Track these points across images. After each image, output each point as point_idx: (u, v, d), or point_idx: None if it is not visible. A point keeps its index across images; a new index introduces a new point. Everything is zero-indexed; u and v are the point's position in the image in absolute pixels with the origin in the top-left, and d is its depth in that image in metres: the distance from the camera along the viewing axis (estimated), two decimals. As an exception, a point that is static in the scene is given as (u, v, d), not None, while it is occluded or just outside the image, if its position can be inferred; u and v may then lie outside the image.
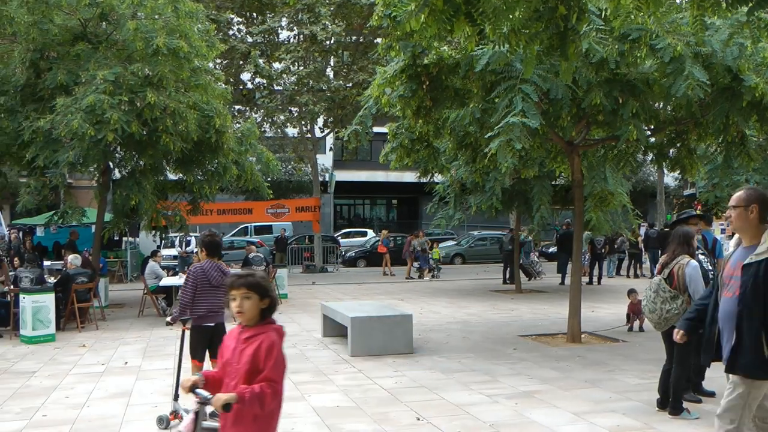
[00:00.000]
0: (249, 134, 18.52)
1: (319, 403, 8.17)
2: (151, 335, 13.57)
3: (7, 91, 15.89)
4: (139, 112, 14.49)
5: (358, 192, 50.73)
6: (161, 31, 14.87)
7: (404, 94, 11.09)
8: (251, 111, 31.89)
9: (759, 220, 4.94)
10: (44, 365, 10.83)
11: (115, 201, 16.14)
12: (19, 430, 7.36)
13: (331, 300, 17.02)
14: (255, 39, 30.62)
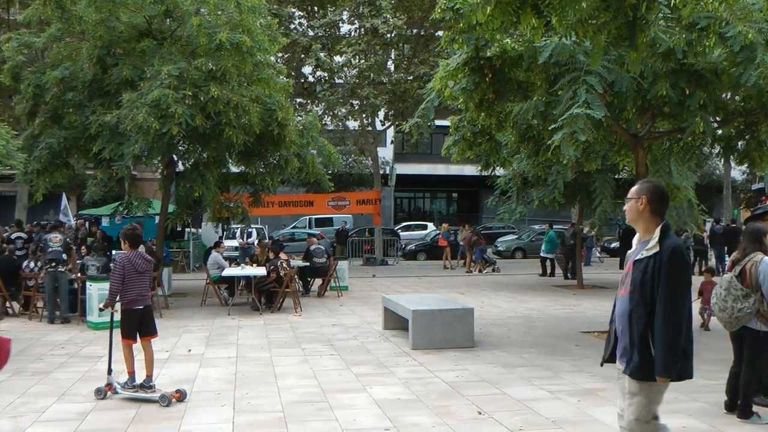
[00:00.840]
0: (311, 127, 18.65)
1: (380, 395, 8.21)
2: (213, 324, 13.81)
3: (76, 87, 16.29)
4: (203, 106, 14.72)
5: (418, 185, 50.66)
6: (224, 26, 15.05)
7: (467, 87, 11.04)
8: (312, 104, 32.04)
9: (650, 213, 4.69)
10: (110, 351, 11.10)
11: (179, 193, 16.41)
12: (87, 412, 7.59)
13: (391, 293, 17.07)
14: (316, 32, 30.75)
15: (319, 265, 18.43)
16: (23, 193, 28.13)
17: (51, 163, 16.82)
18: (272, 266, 15.56)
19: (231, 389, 8.45)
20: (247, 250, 23.31)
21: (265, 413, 7.41)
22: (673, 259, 4.47)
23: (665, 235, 4.59)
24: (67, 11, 15.90)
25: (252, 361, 10.14)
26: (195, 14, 15.67)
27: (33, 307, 15.01)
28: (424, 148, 48.18)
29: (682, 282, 4.48)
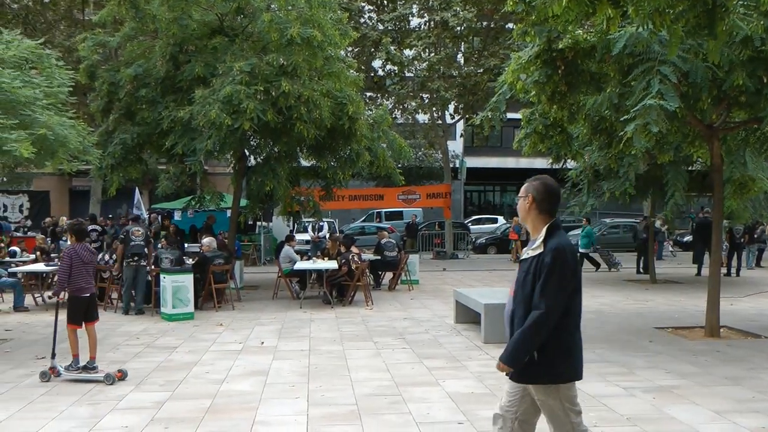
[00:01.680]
0: (381, 121, 18.67)
1: (453, 388, 8.18)
2: (285, 317, 13.94)
3: (149, 84, 16.63)
4: (274, 101, 14.84)
5: (488, 178, 50.28)
6: (295, 21, 15.13)
7: (539, 80, 10.90)
8: (382, 98, 32.07)
9: (537, 212, 4.55)
10: (184, 341, 11.35)
11: (251, 187, 16.60)
12: (164, 401, 7.74)
13: (462, 286, 17.03)
14: (386, 26, 30.77)
15: (390, 258, 18.46)
16: (97, 188, 28.82)
17: (125, 159, 17.23)
18: (344, 260, 15.64)
19: (304, 382, 8.52)
20: (318, 243, 23.46)
21: (339, 406, 7.45)
22: (553, 260, 4.32)
23: (551, 234, 4.45)
24: (140, 11, 16.23)
25: (325, 354, 10.20)
26: (266, 10, 15.80)
27: (108, 299, 15.40)
28: (494, 141, 47.84)
29: (559, 284, 4.30)
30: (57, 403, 7.76)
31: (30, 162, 11.00)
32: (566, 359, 4.44)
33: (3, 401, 7.91)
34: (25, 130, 9.92)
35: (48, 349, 10.65)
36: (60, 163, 11.57)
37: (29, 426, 6.93)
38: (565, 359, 4.44)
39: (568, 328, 4.44)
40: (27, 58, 11.08)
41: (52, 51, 11.93)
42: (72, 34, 26.94)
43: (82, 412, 7.40)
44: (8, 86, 9.88)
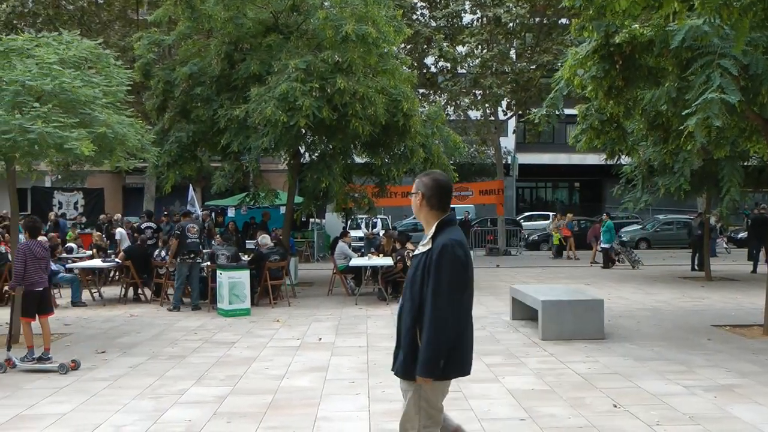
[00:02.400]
0: (435, 117, 18.61)
1: (513, 385, 8.12)
2: (341, 313, 13.98)
3: (204, 82, 16.76)
4: (330, 98, 14.86)
5: (540, 175, 49.94)
6: (350, 18, 15.12)
7: (596, 75, 10.76)
8: (435, 94, 32.00)
9: (428, 208, 4.48)
10: (242, 337, 11.44)
11: (306, 184, 16.64)
12: (225, 396, 7.79)
13: (516, 283, 16.86)
14: (438, 23, 30.69)
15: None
16: (150, 185, 29.24)
17: (180, 156, 17.37)
18: (399, 256, 15.63)
19: (364, 378, 8.52)
20: (372, 240, 23.49)
21: (400, 402, 7.28)
22: (441, 256, 4.26)
23: (440, 230, 4.40)
24: (196, 10, 16.34)
25: (383, 350, 10.16)
26: (320, 7, 15.85)
27: (164, 294, 15.60)
28: (546, 137, 47.44)
29: (449, 280, 4.24)
30: (119, 396, 7.86)
31: (89, 160, 11.14)
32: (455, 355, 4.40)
33: (66, 394, 8.05)
34: (85, 128, 10.04)
35: (106, 344, 10.88)
36: (117, 161, 11.70)
37: (93, 418, 7.04)
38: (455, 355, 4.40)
39: (464, 323, 4.42)
40: (86, 57, 11.23)
41: (110, 51, 12.07)
42: (126, 33, 27.32)
43: (145, 405, 7.48)
44: (69, 86, 10.00)
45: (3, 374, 9.13)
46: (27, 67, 10.03)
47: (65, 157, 11.35)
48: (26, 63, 10.20)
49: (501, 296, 15.94)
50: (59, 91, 9.92)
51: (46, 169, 25.94)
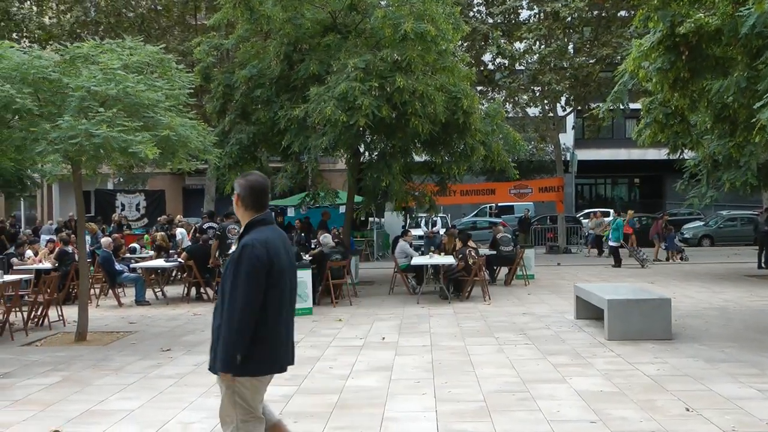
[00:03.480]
0: (495, 114, 18.45)
1: (581, 386, 7.95)
2: (403, 312, 13.92)
3: (264, 84, 16.87)
4: (389, 97, 14.82)
5: (599, 171, 49.22)
6: (408, 16, 15.06)
7: (662, 67, 10.54)
8: (493, 92, 31.78)
9: (243, 208, 4.66)
10: (305, 336, 11.44)
11: (366, 183, 16.62)
12: (291, 395, 7.79)
13: (578, 281, 16.65)
14: (495, 19, 30.46)
15: (506, 253, 18.23)
16: (210, 186, 29.59)
17: (241, 158, 17.51)
18: (461, 255, 15.54)
19: (430, 377, 8.44)
20: (433, 239, 23.42)
21: (467, 402, 7.34)
22: (240, 255, 4.41)
23: (248, 230, 4.58)
24: (255, 12, 16.44)
25: (447, 349, 10.10)
26: (378, 6, 15.82)
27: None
28: (605, 132, 46.78)
29: (246, 279, 4.34)
30: (186, 394, 7.94)
31: (152, 162, 11.28)
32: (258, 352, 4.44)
33: (134, 390, 8.17)
34: (148, 131, 10.15)
35: (171, 342, 11.02)
36: (180, 163, 11.82)
37: (160, 415, 7.11)
38: (258, 352, 4.44)
39: (262, 321, 4.43)
40: (148, 62, 11.37)
41: (171, 55, 12.21)
42: (185, 38, 27.67)
43: (211, 403, 7.45)
44: (132, 90, 10.12)
45: (73, 371, 9.27)
46: (92, 73, 10.18)
47: (129, 160, 11.51)
48: (91, 69, 10.36)
49: (563, 295, 15.75)
50: (123, 95, 10.05)
51: (109, 172, 26.45)
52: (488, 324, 12.33)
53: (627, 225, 28.81)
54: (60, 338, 11.85)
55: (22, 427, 6.94)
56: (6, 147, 10.69)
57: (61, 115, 9.84)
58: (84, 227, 12.64)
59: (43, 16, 31.73)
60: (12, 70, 9.98)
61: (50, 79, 10.29)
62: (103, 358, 10.12)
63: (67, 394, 8.08)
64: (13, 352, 10.81)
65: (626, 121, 41.87)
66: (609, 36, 28.94)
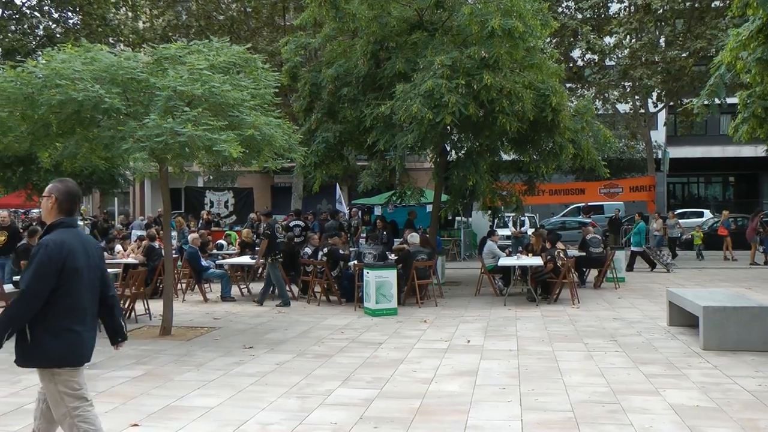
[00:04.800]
0: (585, 111, 17.99)
1: (675, 400, 7.50)
2: (489, 315, 13.66)
3: (350, 82, 16.87)
4: (476, 94, 14.58)
5: (691, 169, 47.77)
6: (495, 13, 14.79)
7: (762, 57, 10.02)
8: (582, 88, 31.15)
9: (57, 211, 5.05)
10: (389, 337, 11.31)
11: (453, 182, 16.44)
12: (372, 399, 7.65)
13: (670, 285, 16.13)
14: (584, 14, 29.85)
15: (596, 255, 17.72)
16: (298, 184, 29.82)
17: (327, 156, 17.57)
18: (549, 256, 15.17)
19: (515, 384, 8.18)
20: (521, 239, 23.04)
21: (554, 412, 7.05)
22: (35, 252, 4.81)
23: (49, 230, 4.97)
24: (341, 11, 16.44)
25: (534, 354, 9.82)
26: (465, 3, 15.59)
27: (311, 292, 15.73)
28: (698, 129, 45.32)
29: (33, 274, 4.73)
30: (266, 393, 7.88)
31: (237, 161, 11.35)
32: (57, 344, 4.81)
33: (214, 387, 8.18)
34: (233, 130, 10.19)
35: (254, 339, 11.04)
36: (265, 161, 11.87)
37: (240, 414, 7.08)
38: (57, 344, 4.81)
39: (59, 315, 4.81)
40: (234, 62, 11.43)
41: (258, 55, 12.25)
42: (274, 39, 27.96)
43: (291, 404, 7.45)
44: (218, 89, 10.17)
45: (155, 365, 9.39)
46: (179, 74, 10.27)
47: (214, 158, 11.60)
48: (178, 69, 10.46)
49: (655, 300, 15.23)
50: (209, 95, 10.11)
51: (198, 170, 26.92)
52: (577, 329, 11.97)
53: (721, 226, 27.90)
54: (145, 332, 12.09)
55: (104, 419, 6.93)
56: (96, 145, 10.92)
57: (148, 114, 9.98)
58: (169, 224, 12.82)
59: (137, 21, 32.67)
60: (102, 71, 10.16)
61: (138, 80, 10.44)
62: (186, 353, 10.23)
63: (149, 388, 8.18)
64: (100, 343, 10.87)
65: (721, 117, 40.57)
66: (702, 27, 27.95)
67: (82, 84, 9.78)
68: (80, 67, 10.07)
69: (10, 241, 15.67)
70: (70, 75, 9.88)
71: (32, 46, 28.79)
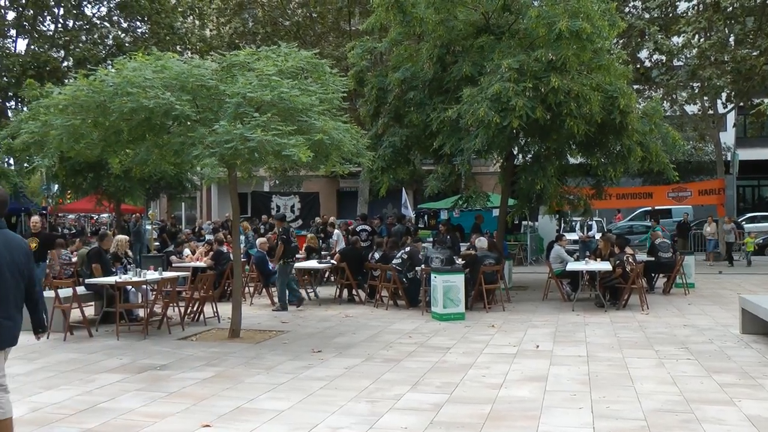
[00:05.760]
0: (653, 113, 17.69)
1: (752, 410, 7.26)
2: (558, 320, 13.53)
3: (416, 86, 16.92)
4: (543, 98, 14.50)
5: (763, 172, 46.63)
6: (563, 14, 14.68)
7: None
8: (650, 89, 30.65)
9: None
10: (457, 342, 11.27)
11: (520, 186, 16.36)
12: (441, 404, 7.62)
13: (742, 291, 15.73)
14: (652, 14, 29.35)
15: (665, 260, 17.34)
16: (364, 189, 29.93)
17: (393, 160, 17.63)
18: (617, 261, 14.94)
19: (586, 391, 8.07)
20: (588, 243, 22.77)
21: (626, 420, 6.93)
22: None
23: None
24: (407, 15, 16.46)
25: (604, 361, 9.68)
26: (532, 5, 15.51)
27: (378, 296, 15.77)
28: (768, 130, 44.29)
29: None
30: (335, 397, 7.92)
31: (305, 165, 11.46)
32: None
33: (284, 391, 8.25)
34: (302, 135, 10.28)
35: (322, 343, 11.12)
36: (333, 166, 11.97)
37: (310, 418, 7.12)
38: None
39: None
40: (303, 67, 11.54)
41: (325, 60, 12.35)
42: (340, 44, 28.14)
43: (361, 408, 7.48)
44: (287, 95, 10.28)
45: (225, 367, 9.52)
46: (248, 80, 10.42)
47: (283, 163, 11.73)
48: (247, 76, 10.61)
49: (727, 306, 14.89)
50: (278, 100, 10.22)
51: (265, 174, 27.26)
52: (647, 335, 11.74)
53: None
54: (214, 334, 12.27)
55: (176, 419, 7.19)
56: (166, 152, 11.15)
57: (218, 120, 10.15)
58: (238, 228, 13.00)
59: (204, 29, 33.26)
60: (172, 78, 10.37)
61: (208, 87, 10.63)
62: (255, 356, 10.33)
63: (219, 390, 8.30)
64: (170, 345, 11.26)
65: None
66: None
67: (153, 91, 10.01)
68: (151, 75, 10.30)
69: (42, 247, 15.43)
70: (141, 83, 10.12)
71: (102, 55, 29.50)
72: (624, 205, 30.67)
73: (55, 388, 8.55)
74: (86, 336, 12.12)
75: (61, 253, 17.56)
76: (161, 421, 7.09)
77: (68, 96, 10.46)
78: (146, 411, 7.47)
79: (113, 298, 12.44)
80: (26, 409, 7.63)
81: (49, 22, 32.45)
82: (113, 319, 12.33)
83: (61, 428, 6.96)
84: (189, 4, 32.77)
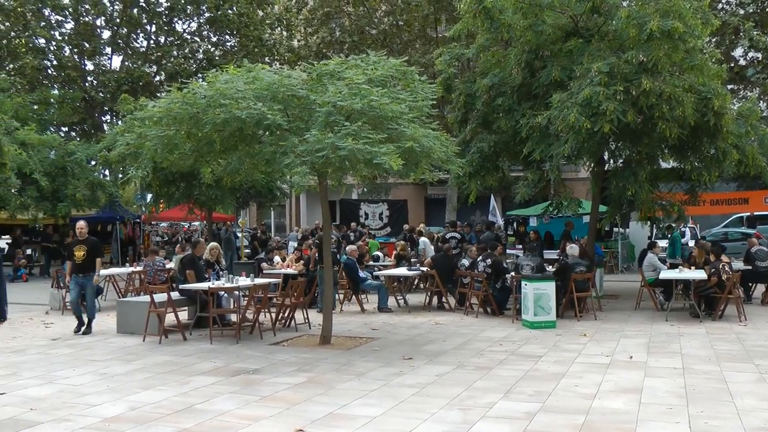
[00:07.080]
0: (750, 114, 17.11)
1: None
2: (651, 330, 13.22)
3: (505, 92, 16.78)
4: (635, 101, 14.21)
5: None
6: (654, 14, 14.38)
7: None
8: (745, 89, 29.74)
9: None
10: (549, 351, 11.16)
11: (611, 191, 16.07)
12: (535, 412, 7.56)
13: None
14: (747, 9, 28.47)
15: (762, 269, 16.70)
16: (452, 196, 29.89)
17: (482, 167, 17.54)
18: (713, 269, 14.50)
19: (683, 404, 7.83)
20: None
21: (727, 435, 6.75)
22: None
23: None
24: (495, 21, 16.37)
25: (701, 374, 9.39)
26: (621, 6, 15.24)
27: (468, 303, 15.71)
28: None
29: None
30: (427, 404, 7.92)
31: (395, 173, 11.51)
32: None
33: (376, 397, 8.30)
34: (392, 143, 10.33)
35: (413, 350, 11.14)
36: (423, 173, 12.00)
37: (402, 425, 7.14)
38: None
39: None
40: (392, 75, 11.61)
41: (413, 68, 12.40)
42: (427, 51, 28.19)
43: (453, 416, 7.45)
44: (377, 103, 10.35)
45: (317, 372, 9.65)
46: (338, 89, 10.53)
47: (373, 171, 11.83)
48: (337, 85, 10.73)
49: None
50: (368, 109, 10.30)
51: (353, 182, 27.51)
52: (746, 348, 11.33)
53: None
54: (305, 340, 12.45)
55: (269, 422, 7.33)
56: (257, 161, 11.37)
57: (309, 129, 10.29)
58: (329, 236, 13.14)
59: (291, 39, 33.79)
60: (264, 89, 10.59)
61: (298, 96, 10.82)
62: (346, 362, 10.43)
63: (311, 395, 8.40)
64: (262, 350, 11.49)
65: None
66: None
67: (245, 102, 10.24)
68: (243, 87, 10.55)
69: (90, 255, 13.64)
70: (234, 94, 10.36)
71: (193, 69, 30.30)
72: (719, 212, 29.71)
73: (152, 389, 8.86)
74: (180, 339, 12.52)
75: (155, 259, 18.11)
76: (255, 424, 7.24)
77: (163, 108, 10.82)
78: (240, 413, 7.65)
79: (206, 304, 12.76)
80: (126, 407, 7.94)
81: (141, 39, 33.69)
82: (206, 323, 12.69)
83: (159, 427, 7.19)
84: (276, 16, 33.42)
